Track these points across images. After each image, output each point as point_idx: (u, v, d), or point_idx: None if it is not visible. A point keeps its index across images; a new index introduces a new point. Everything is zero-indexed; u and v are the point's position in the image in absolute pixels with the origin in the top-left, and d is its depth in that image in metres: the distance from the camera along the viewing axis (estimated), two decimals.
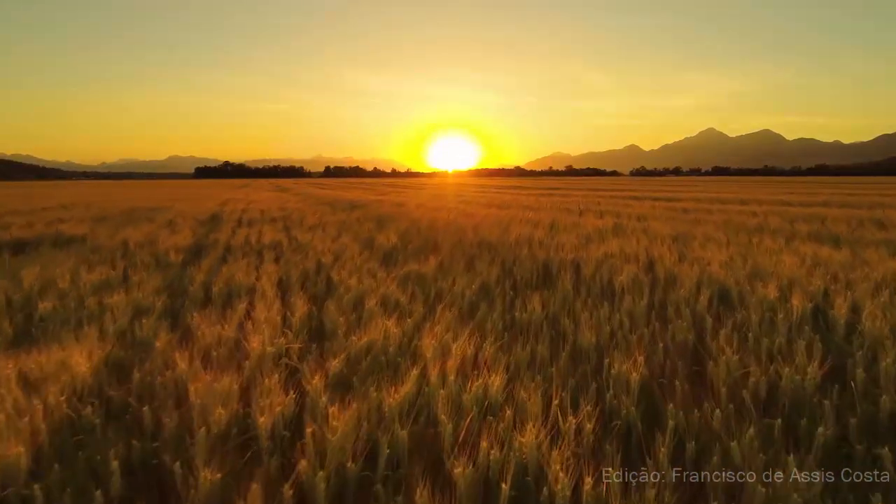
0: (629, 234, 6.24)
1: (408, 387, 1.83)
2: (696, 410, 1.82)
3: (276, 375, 1.93)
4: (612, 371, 2.05)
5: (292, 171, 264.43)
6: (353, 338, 2.38)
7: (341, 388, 2.00)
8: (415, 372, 1.93)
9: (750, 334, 2.50)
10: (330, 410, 1.62)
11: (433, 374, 1.96)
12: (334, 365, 2.10)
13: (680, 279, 3.52)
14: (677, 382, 2.06)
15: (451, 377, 1.93)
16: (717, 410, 1.78)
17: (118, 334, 2.69)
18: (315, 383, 1.85)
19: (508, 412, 1.72)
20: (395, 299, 3.24)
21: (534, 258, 4.44)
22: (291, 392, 1.80)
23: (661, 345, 2.40)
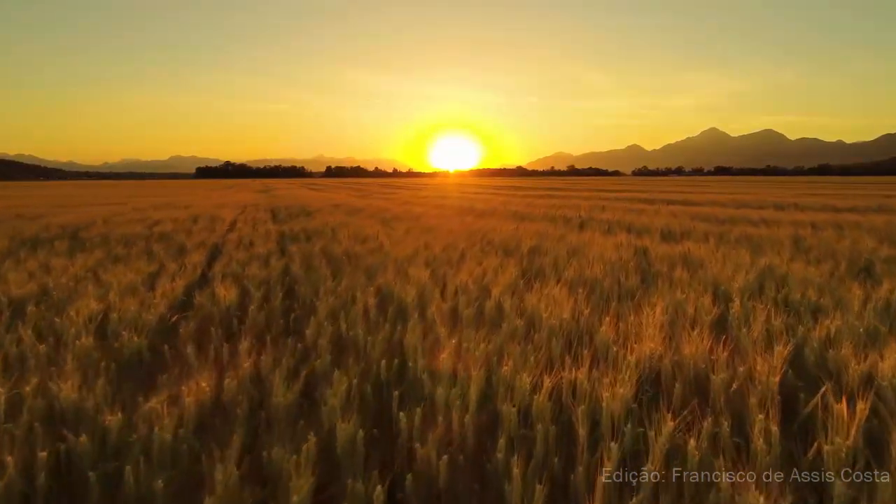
0: (666, 279, 3.56)
1: None
2: None
3: None
4: None
5: (293, 172, 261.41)
6: None
7: None
8: None
9: None
10: None
11: None
12: None
13: None
14: None
15: None
16: None
17: None
18: None
19: None
20: None
21: (468, 378, 1.79)
22: None
23: None
